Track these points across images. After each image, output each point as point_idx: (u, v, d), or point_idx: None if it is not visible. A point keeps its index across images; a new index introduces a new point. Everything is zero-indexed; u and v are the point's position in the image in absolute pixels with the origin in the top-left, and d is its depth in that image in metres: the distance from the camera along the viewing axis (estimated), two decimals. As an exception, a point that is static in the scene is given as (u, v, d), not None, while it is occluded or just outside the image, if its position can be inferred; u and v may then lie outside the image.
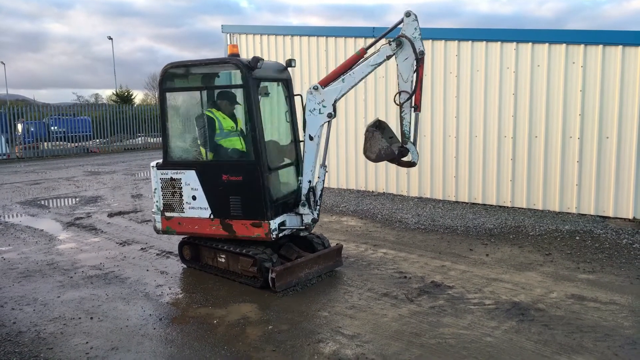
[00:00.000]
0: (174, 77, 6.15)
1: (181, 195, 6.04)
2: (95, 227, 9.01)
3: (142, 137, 27.85)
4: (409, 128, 5.61)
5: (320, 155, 5.84)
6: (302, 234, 6.13)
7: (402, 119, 5.60)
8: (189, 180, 5.97)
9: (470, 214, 9.10)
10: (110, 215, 10.00)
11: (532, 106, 9.13)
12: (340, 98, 5.67)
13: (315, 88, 5.65)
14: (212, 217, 5.95)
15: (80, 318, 5.11)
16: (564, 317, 4.87)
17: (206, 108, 6.12)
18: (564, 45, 8.68)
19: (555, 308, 5.09)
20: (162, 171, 6.12)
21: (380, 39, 5.73)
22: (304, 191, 5.84)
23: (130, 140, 27.44)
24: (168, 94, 6.15)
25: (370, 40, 10.99)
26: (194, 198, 5.98)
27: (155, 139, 28.06)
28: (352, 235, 8.03)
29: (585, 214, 8.72)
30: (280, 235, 5.87)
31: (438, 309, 5.14)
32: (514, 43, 9.17)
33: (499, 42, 9.34)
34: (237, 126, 6.20)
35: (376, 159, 5.66)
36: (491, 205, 9.70)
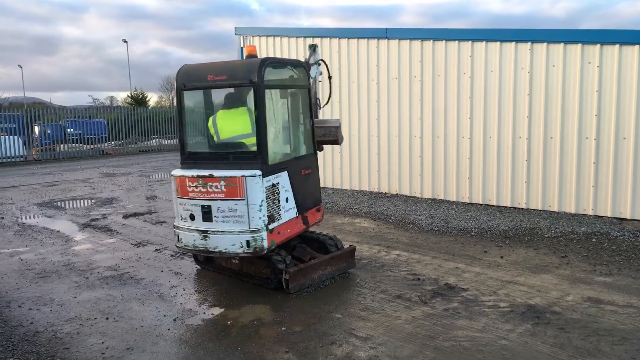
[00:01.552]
0: (271, 72, 5.75)
1: (279, 201, 5.64)
2: (110, 229, 9.11)
3: (157, 139, 28.10)
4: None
5: None
6: None
7: (317, 116, 6.93)
8: (284, 181, 5.72)
9: (484, 216, 9.04)
10: (126, 216, 10.11)
11: (547, 107, 9.04)
12: None
13: None
14: (297, 214, 5.96)
15: (96, 318, 5.17)
16: (580, 321, 4.81)
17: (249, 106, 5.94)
18: (580, 45, 8.58)
19: (571, 311, 5.03)
20: (267, 178, 5.41)
21: (309, 58, 7.11)
22: None
23: (145, 142, 27.70)
24: (266, 91, 5.59)
25: (382, 41, 11.01)
26: (287, 200, 5.76)
27: (169, 140, 28.31)
28: (365, 237, 8.02)
29: (602, 216, 8.60)
30: None
31: (452, 311, 5.11)
32: (529, 43, 9.09)
33: (514, 43, 9.26)
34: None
35: (340, 143, 6.90)
36: (505, 206, 9.62)
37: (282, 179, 5.67)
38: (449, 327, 4.74)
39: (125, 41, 56.73)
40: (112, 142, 26.81)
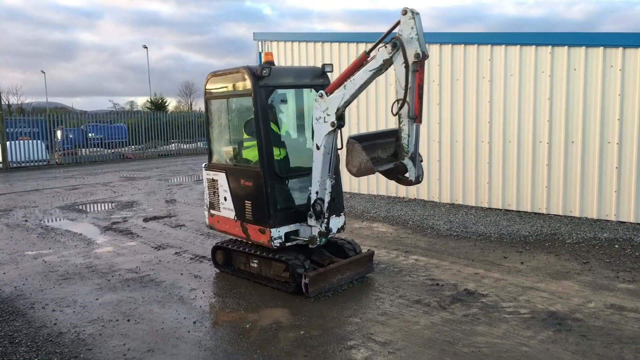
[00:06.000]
0: None
1: (219, 195, 6.53)
2: (131, 232, 9.23)
3: (176, 144, 28.42)
4: (407, 141, 4.84)
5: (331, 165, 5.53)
6: (310, 246, 5.79)
7: (400, 130, 4.86)
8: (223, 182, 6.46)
9: (504, 221, 8.95)
10: (146, 220, 10.24)
11: (568, 111, 8.93)
12: (344, 106, 5.19)
13: (321, 95, 5.29)
14: (235, 218, 6.30)
15: (117, 320, 5.25)
16: (602, 328, 4.74)
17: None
18: (602, 48, 8.47)
19: (593, 318, 4.96)
20: None
21: (381, 40, 5.02)
22: (311, 202, 5.61)
23: (164, 146, 28.04)
24: None
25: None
26: (225, 199, 6.41)
27: (188, 145, 28.60)
28: (383, 242, 8.00)
29: (625, 222, 8.46)
30: (289, 244, 5.85)
31: (471, 317, 5.07)
32: (549, 47, 9.00)
33: (534, 46, 9.18)
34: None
35: (357, 173, 5.04)
36: (526, 212, 9.51)
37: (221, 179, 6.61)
38: (469, 333, 4.70)
39: (145, 47, 57.67)
40: (132, 147, 27.19)
